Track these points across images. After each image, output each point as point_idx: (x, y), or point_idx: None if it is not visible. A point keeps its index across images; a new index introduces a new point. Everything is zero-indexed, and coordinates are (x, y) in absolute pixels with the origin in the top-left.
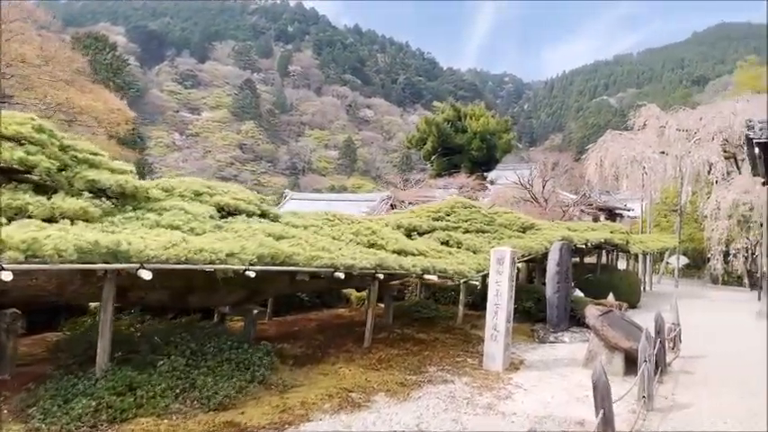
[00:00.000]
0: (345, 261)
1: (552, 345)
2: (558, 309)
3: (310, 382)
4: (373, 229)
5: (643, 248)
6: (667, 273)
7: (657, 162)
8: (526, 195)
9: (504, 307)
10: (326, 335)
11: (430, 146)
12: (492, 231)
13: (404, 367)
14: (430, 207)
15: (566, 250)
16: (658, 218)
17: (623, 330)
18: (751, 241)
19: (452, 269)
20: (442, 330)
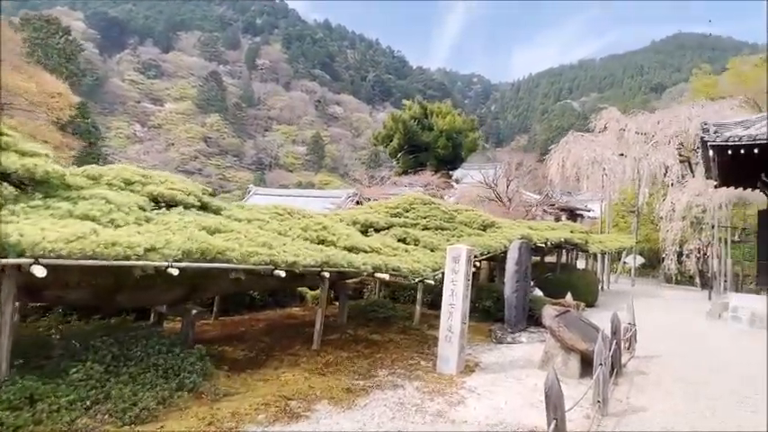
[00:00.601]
0: (287, 258)
1: (509, 345)
2: (517, 309)
3: (248, 390)
4: (324, 225)
5: (602, 248)
6: (624, 272)
7: (617, 164)
8: (491, 195)
9: (459, 307)
10: (274, 336)
11: (396, 143)
12: (451, 229)
13: (353, 371)
14: (388, 203)
15: (525, 249)
16: (617, 218)
17: (580, 331)
18: (703, 242)
19: (407, 267)
20: (398, 331)
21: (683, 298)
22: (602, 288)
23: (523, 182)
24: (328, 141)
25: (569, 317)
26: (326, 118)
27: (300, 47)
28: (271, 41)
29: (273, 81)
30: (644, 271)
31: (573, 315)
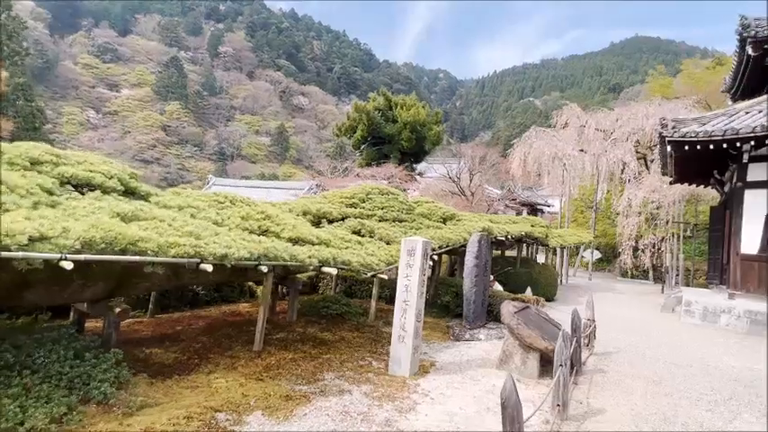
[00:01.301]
0: (217, 250)
1: (467, 343)
2: (476, 304)
3: (171, 400)
4: (267, 214)
5: (561, 242)
6: (582, 266)
7: (577, 159)
8: (455, 189)
9: (413, 304)
10: (214, 336)
11: (360, 134)
12: (410, 221)
13: (295, 375)
14: (344, 193)
15: (485, 243)
16: (576, 214)
17: (539, 329)
18: (657, 237)
19: (358, 261)
20: (351, 328)
21: (638, 292)
22: (561, 282)
23: (486, 176)
24: (293, 133)
25: (528, 313)
26: (291, 109)
27: (265, 36)
28: (234, 29)
29: (237, 70)
30: (600, 265)
31: (532, 311)
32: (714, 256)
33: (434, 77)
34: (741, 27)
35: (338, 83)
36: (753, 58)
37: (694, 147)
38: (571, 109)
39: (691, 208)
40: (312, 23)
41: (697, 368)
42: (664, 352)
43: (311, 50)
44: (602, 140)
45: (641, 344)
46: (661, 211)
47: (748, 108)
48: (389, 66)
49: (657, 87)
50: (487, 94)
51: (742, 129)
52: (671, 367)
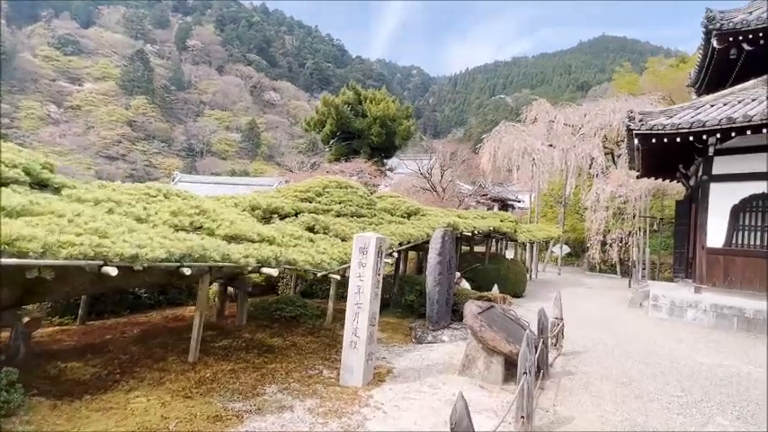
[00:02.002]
0: (125, 250)
1: (430, 345)
2: (439, 303)
3: (74, 427)
4: (203, 209)
5: (530, 237)
6: (551, 261)
7: (546, 154)
8: (426, 185)
9: (366, 307)
10: (147, 345)
11: (329, 129)
12: (370, 216)
13: (232, 390)
14: (298, 186)
15: (449, 238)
16: (545, 209)
17: (504, 330)
18: (624, 232)
19: (305, 260)
20: (306, 332)
21: (606, 286)
22: (530, 277)
23: (458, 172)
24: (264, 129)
25: (493, 313)
26: (262, 104)
27: (235, 30)
28: (203, 22)
29: (206, 64)
30: (569, 260)
31: (497, 311)
32: (680, 250)
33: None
34: (707, 20)
35: (310, 78)
36: (718, 50)
37: (661, 139)
38: (540, 104)
39: (657, 202)
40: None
41: (666, 366)
42: (632, 349)
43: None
44: (570, 135)
45: (610, 341)
46: (628, 205)
47: (713, 101)
48: (362, 62)
49: (624, 84)
50: (460, 92)
51: (708, 121)
52: (640, 366)
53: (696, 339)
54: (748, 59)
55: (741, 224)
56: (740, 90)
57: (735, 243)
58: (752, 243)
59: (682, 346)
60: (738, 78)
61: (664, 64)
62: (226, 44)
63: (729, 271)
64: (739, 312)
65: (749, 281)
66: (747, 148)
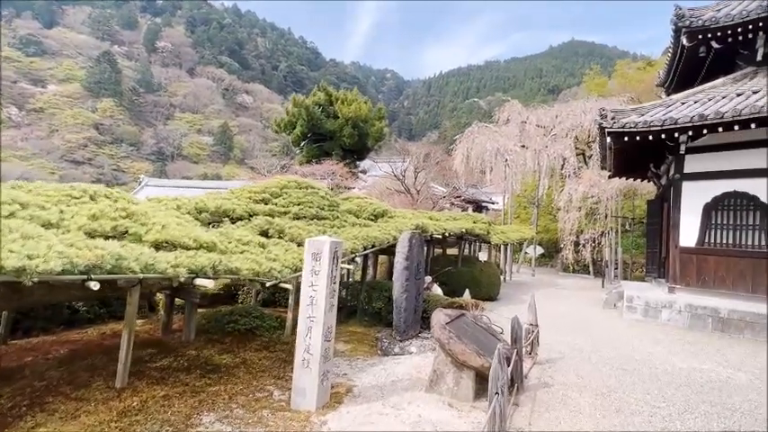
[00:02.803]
0: (6, 262)
1: (396, 358)
2: (407, 311)
3: None
4: (130, 212)
5: (503, 239)
6: (525, 262)
7: (518, 155)
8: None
9: (320, 320)
10: (72, 368)
11: (299, 130)
12: (332, 218)
13: (161, 421)
14: (254, 187)
15: (417, 241)
16: (519, 210)
17: (475, 341)
18: (596, 232)
19: (250, 268)
20: (260, 347)
21: (580, 287)
22: (504, 279)
23: (431, 174)
24: (237, 132)
25: (463, 322)
26: (235, 107)
27: (206, 31)
28: (173, 23)
29: (176, 66)
30: (543, 260)
31: (468, 320)
32: (652, 250)
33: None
34: (676, 17)
35: (284, 81)
36: (687, 48)
37: (634, 137)
38: (512, 105)
39: (628, 202)
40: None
41: (645, 373)
42: (610, 355)
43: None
44: (542, 136)
45: (586, 346)
46: (600, 205)
47: (684, 99)
48: (336, 65)
49: (593, 86)
50: (434, 95)
51: (680, 118)
52: (619, 373)
53: (672, 341)
54: (717, 58)
55: (714, 223)
56: (710, 88)
57: (708, 242)
58: (724, 242)
59: (659, 348)
60: (707, 77)
61: (631, 67)
62: (197, 46)
63: (703, 270)
64: (714, 313)
65: (722, 280)
66: (719, 145)
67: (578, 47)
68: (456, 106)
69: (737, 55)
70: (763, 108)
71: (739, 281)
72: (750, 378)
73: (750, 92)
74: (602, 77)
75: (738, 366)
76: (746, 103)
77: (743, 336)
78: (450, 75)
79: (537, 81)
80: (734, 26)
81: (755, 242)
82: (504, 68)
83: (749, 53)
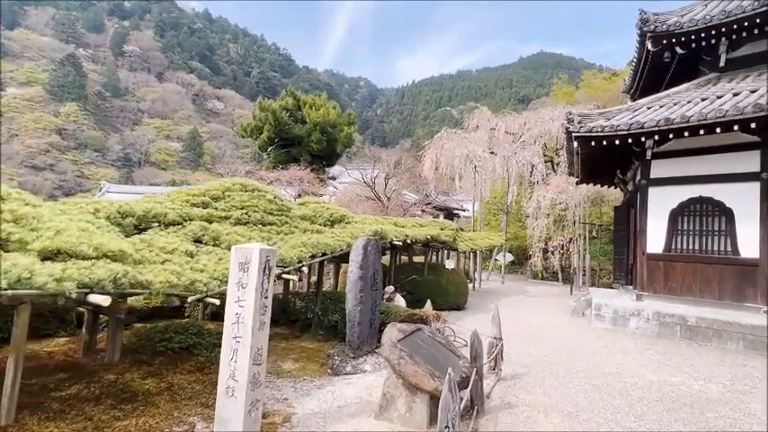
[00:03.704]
0: None
1: (348, 378)
2: (361, 325)
3: None
4: (20, 215)
5: (472, 246)
6: (495, 269)
7: (487, 161)
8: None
9: (247, 342)
10: None
11: (266, 135)
12: (280, 224)
13: None
14: (192, 190)
15: (373, 249)
16: (489, 217)
17: (431, 361)
18: (565, 239)
19: (164, 281)
20: (194, 368)
21: (549, 294)
22: (473, 287)
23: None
24: (208, 138)
25: (419, 338)
26: (205, 113)
27: (176, 36)
28: (142, 27)
29: (144, 70)
30: (513, 268)
31: (425, 335)
32: (619, 256)
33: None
34: (641, 21)
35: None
36: (652, 54)
37: (600, 142)
38: (482, 112)
39: (596, 209)
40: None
41: (615, 388)
42: (578, 367)
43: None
44: (511, 143)
45: (554, 359)
46: (568, 212)
47: (650, 104)
48: (309, 72)
49: (561, 95)
50: (407, 103)
51: (647, 122)
52: (588, 389)
53: (641, 351)
54: (681, 63)
55: (680, 228)
56: (674, 93)
57: (674, 248)
58: (691, 248)
59: (628, 359)
60: (671, 83)
61: (598, 77)
62: (166, 50)
63: (670, 277)
64: (681, 320)
65: (689, 287)
66: (684, 151)
67: (547, 58)
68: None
69: (701, 61)
70: (728, 112)
71: (706, 287)
72: (721, 390)
73: (714, 96)
74: (570, 87)
75: (709, 377)
76: (712, 107)
77: (710, 344)
78: (423, 83)
79: (507, 91)
80: (697, 31)
81: (721, 248)
82: (475, 78)
83: (712, 59)
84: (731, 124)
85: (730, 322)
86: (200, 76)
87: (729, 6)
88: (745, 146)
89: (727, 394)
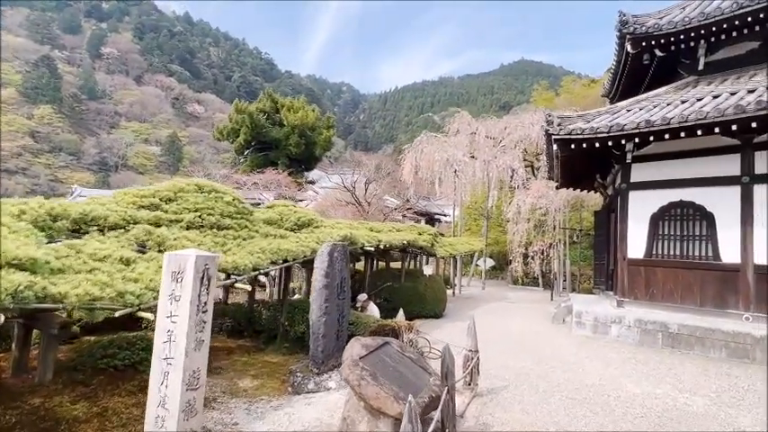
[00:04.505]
0: None
1: (309, 397)
2: (326, 338)
3: None
4: None
5: (451, 251)
6: (476, 274)
7: (468, 165)
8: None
9: (180, 364)
10: None
11: (243, 138)
12: (238, 228)
13: None
14: (141, 191)
15: (340, 255)
16: (470, 222)
17: (397, 380)
18: (545, 244)
19: (84, 293)
20: (136, 388)
21: (529, 300)
22: (453, 293)
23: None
24: (187, 142)
25: (386, 354)
26: (185, 117)
27: (156, 38)
28: (120, 29)
29: (122, 73)
30: (494, 273)
31: (392, 350)
32: (599, 262)
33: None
34: (620, 23)
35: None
36: (632, 56)
37: (580, 144)
38: (462, 117)
39: (576, 214)
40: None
41: (598, 402)
42: (559, 380)
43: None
44: (491, 147)
45: (534, 371)
46: (548, 217)
47: (629, 106)
48: (292, 76)
49: (541, 101)
50: (389, 109)
51: (627, 124)
52: (569, 405)
53: (624, 360)
54: (660, 66)
55: (661, 233)
56: (654, 96)
57: (655, 253)
58: (672, 253)
59: (610, 370)
60: (650, 86)
61: (578, 83)
62: (145, 53)
63: (651, 283)
64: (663, 327)
65: (671, 293)
66: (665, 154)
67: (527, 66)
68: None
69: (680, 64)
70: (709, 114)
71: (687, 294)
72: (707, 404)
73: (694, 99)
74: (550, 93)
75: (694, 389)
76: (692, 109)
77: (693, 352)
78: (406, 90)
79: (489, 97)
80: (676, 33)
81: (702, 253)
82: (457, 85)
83: (691, 62)
84: (712, 126)
85: (713, 329)
86: (179, 80)
87: (708, 9)
88: (726, 149)
89: (714, 408)
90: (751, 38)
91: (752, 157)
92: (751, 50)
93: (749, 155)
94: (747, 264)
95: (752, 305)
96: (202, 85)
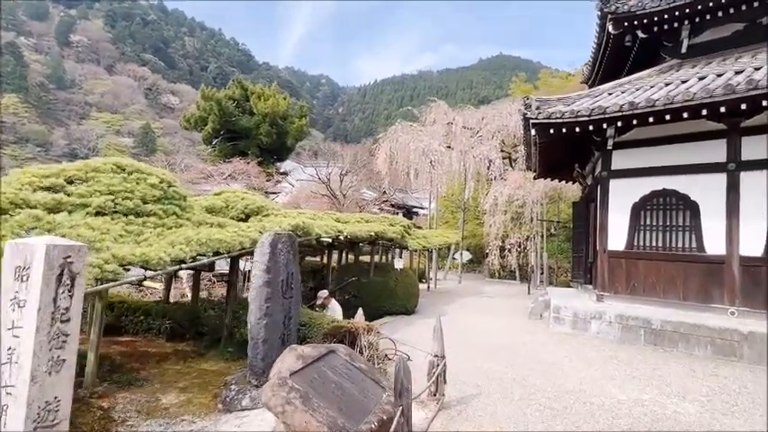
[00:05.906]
0: None
1: (241, 416)
2: (268, 344)
3: None
4: None
5: (424, 244)
6: (453, 268)
7: (444, 155)
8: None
9: (23, 394)
10: None
11: (211, 127)
12: (164, 214)
13: None
14: (42, 170)
15: (285, 247)
16: (446, 214)
17: (337, 402)
18: (522, 236)
19: None
20: None
21: (506, 294)
22: (428, 288)
23: (359, 177)
24: (161, 134)
25: (328, 366)
26: (159, 108)
27: (128, 27)
28: (90, 17)
29: (93, 62)
30: (471, 266)
31: (339, 360)
32: (578, 254)
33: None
34: (601, 2)
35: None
36: (613, 38)
37: (560, 129)
38: (439, 106)
39: (553, 206)
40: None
41: (580, 412)
42: (536, 385)
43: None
44: (468, 138)
45: (508, 375)
46: (525, 209)
47: (611, 89)
48: (270, 68)
49: (519, 93)
50: (369, 102)
51: (609, 107)
52: (548, 416)
53: (605, 360)
54: (642, 49)
55: (643, 224)
56: (636, 79)
57: (637, 245)
58: (654, 244)
59: (592, 372)
60: (632, 70)
61: (556, 76)
62: (117, 42)
63: (632, 276)
64: (646, 324)
65: (653, 287)
66: (647, 140)
67: (505, 61)
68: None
69: (662, 47)
70: (696, 95)
71: (670, 287)
72: (699, 410)
73: (679, 81)
74: (528, 86)
75: (683, 393)
76: (678, 90)
77: (677, 349)
78: (386, 83)
79: (468, 92)
80: (660, 12)
81: (686, 244)
82: (437, 78)
83: (674, 45)
84: (699, 108)
85: (698, 325)
86: (153, 70)
87: None
88: (711, 134)
89: (707, 415)
90: (736, 18)
91: (738, 143)
92: (736, 32)
93: (736, 140)
94: (733, 255)
95: (737, 299)
96: (177, 75)
